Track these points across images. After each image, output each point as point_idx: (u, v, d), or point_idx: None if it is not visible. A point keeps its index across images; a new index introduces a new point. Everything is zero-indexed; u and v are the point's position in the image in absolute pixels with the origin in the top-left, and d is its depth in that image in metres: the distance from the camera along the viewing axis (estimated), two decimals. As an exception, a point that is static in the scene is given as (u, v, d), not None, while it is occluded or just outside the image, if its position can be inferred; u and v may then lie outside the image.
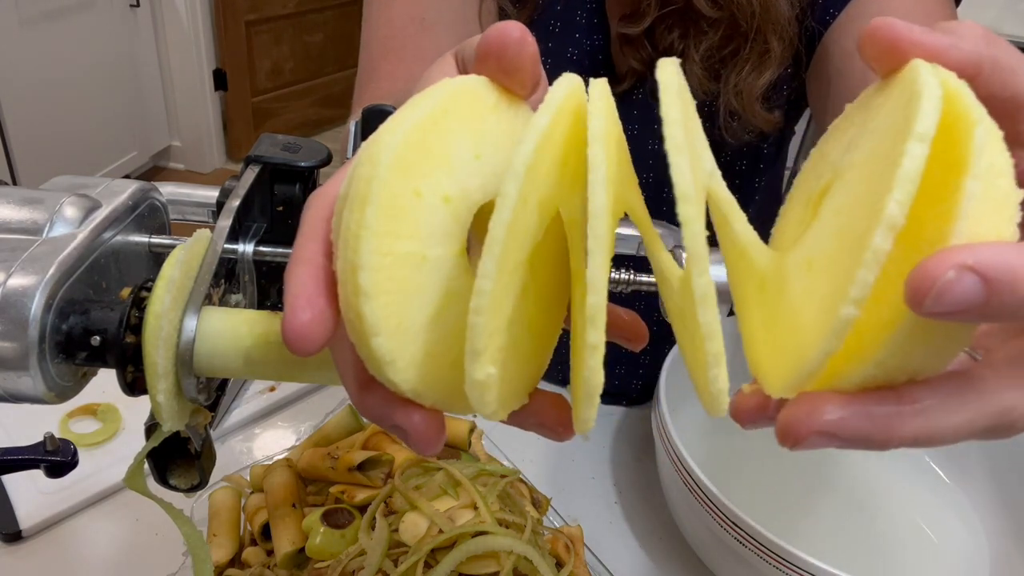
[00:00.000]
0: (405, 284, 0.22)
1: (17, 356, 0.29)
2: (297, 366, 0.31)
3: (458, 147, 0.24)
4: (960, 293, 0.18)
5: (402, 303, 0.22)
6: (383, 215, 0.21)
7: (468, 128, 0.24)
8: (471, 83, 0.25)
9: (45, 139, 2.53)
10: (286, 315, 0.22)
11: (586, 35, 0.68)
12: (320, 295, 0.23)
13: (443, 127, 0.23)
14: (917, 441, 0.21)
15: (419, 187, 0.23)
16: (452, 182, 0.23)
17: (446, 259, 0.23)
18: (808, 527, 0.61)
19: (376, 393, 0.24)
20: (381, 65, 0.65)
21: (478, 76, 0.26)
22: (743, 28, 0.61)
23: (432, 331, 0.23)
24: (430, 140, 0.23)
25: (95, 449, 0.65)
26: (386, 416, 0.24)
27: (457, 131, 0.24)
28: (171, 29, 2.98)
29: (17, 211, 0.33)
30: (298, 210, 0.41)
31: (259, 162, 0.40)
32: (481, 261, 0.21)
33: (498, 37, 0.25)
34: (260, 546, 0.54)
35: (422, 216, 0.23)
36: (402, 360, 0.22)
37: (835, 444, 0.22)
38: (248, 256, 0.38)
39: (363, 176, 0.22)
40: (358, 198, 0.22)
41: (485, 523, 0.50)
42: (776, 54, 0.62)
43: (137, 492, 0.35)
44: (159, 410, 0.30)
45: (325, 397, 0.74)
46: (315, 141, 0.43)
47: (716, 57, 0.64)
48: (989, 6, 1.96)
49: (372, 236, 0.21)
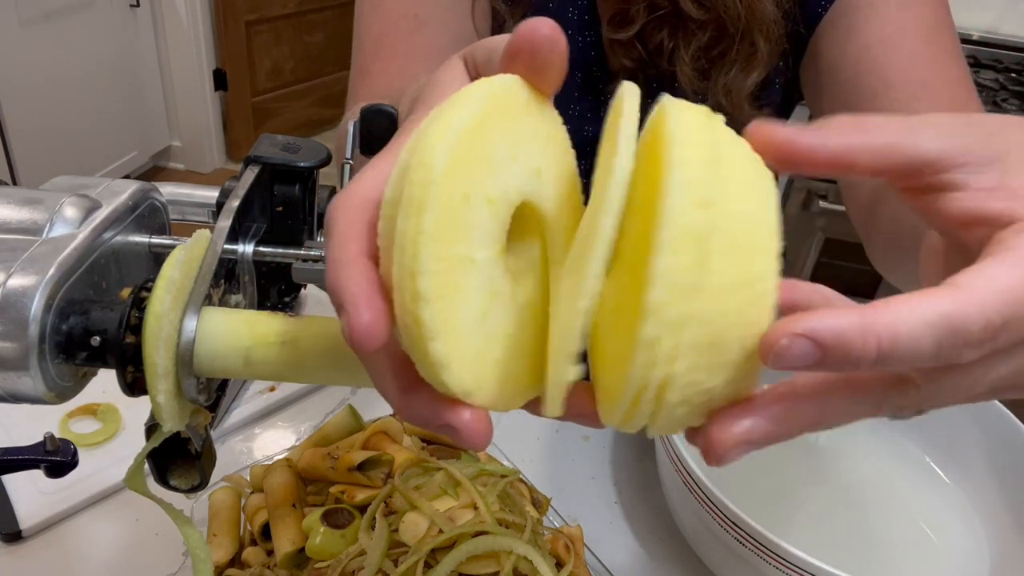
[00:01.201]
0: (458, 287, 0.23)
1: (17, 356, 0.29)
2: (297, 367, 0.31)
3: (498, 149, 0.24)
4: (797, 354, 0.21)
5: (455, 306, 0.23)
6: (439, 220, 0.22)
7: (506, 129, 0.24)
8: (507, 83, 0.25)
9: (45, 139, 2.53)
10: (349, 315, 0.22)
11: (578, 33, 0.68)
12: (377, 295, 0.23)
13: (487, 129, 0.24)
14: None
15: (468, 191, 0.23)
16: (495, 184, 0.24)
17: (490, 260, 0.24)
18: (808, 527, 0.61)
19: (421, 395, 0.25)
20: (374, 63, 0.65)
21: (512, 76, 0.26)
22: (731, 30, 0.62)
23: (479, 332, 0.24)
24: (477, 143, 0.23)
25: (95, 449, 0.65)
26: (434, 417, 0.25)
27: (498, 133, 0.24)
28: (171, 29, 2.98)
29: (17, 211, 0.33)
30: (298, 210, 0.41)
31: (259, 162, 0.40)
32: (587, 263, 0.22)
33: (530, 35, 0.25)
34: (260, 546, 0.54)
35: (470, 219, 0.23)
36: (456, 362, 0.23)
37: (753, 449, 0.24)
38: (248, 256, 0.38)
39: (418, 181, 0.22)
40: (414, 204, 0.22)
41: (485, 523, 0.50)
42: (763, 54, 0.63)
43: (137, 492, 0.35)
44: (159, 410, 0.30)
45: (325, 397, 0.74)
46: (315, 141, 0.43)
47: (705, 57, 0.64)
48: (989, 6, 1.95)
49: (430, 241, 0.21)
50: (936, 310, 0.21)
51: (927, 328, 0.21)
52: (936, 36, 0.62)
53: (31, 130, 2.46)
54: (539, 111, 0.26)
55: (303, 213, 0.41)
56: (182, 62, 3.05)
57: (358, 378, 0.32)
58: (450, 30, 0.65)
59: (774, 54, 0.64)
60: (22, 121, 2.42)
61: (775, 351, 0.21)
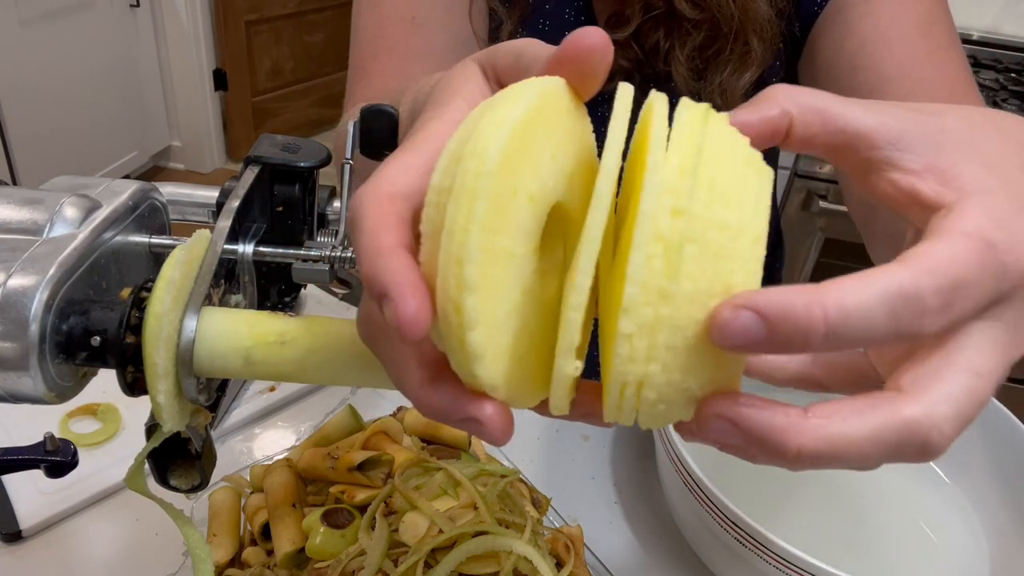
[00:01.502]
0: (498, 280, 0.23)
1: (17, 356, 0.29)
2: (297, 367, 0.31)
3: (543, 148, 0.24)
4: (741, 327, 0.21)
5: (494, 298, 0.23)
6: (490, 211, 0.22)
7: (551, 130, 0.25)
8: (555, 85, 0.25)
9: (45, 139, 2.53)
10: (396, 303, 0.22)
11: None
12: (421, 283, 0.23)
13: (537, 127, 0.24)
14: (819, 452, 0.22)
15: (516, 185, 0.23)
16: (537, 182, 0.24)
17: (527, 257, 0.24)
18: (808, 527, 0.61)
19: (444, 388, 0.25)
20: (372, 64, 0.65)
21: (560, 79, 0.26)
22: (724, 29, 0.62)
23: (510, 326, 0.24)
24: (528, 139, 0.23)
25: (95, 449, 0.65)
26: (457, 410, 0.24)
27: (544, 132, 0.24)
28: (171, 29, 2.98)
29: (17, 211, 0.33)
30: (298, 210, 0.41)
31: (259, 162, 0.40)
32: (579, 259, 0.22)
33: (584, 43, 0.26)
34: (260, 546, 0.54)
35: (516, 214, 0.23)
36: (489, 355, 0.23)
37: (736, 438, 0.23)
38: (248, 256, 0.38)
39: (472, 170, 0.22)
40: (466, 192, 0.22)
41: (485, 523, 0.50)
42: (757, 54, 0.63)
43: (138, 492, 0.35)
44: (159, 411, 0.30)
45: (325, 397, 0.74)
46: (315, 141, 0.43)
47: (700, 57, 0.65)
48: (989, 7, 1.95)
49: (480, 231, 0.21)
50: (887, 281, 0.21)
51: (878, 299, 0.21)
52: (932, 29, 0.62)
53: (31, 130, 2.46)
54: (577, 116, 0.27)
55: (303, 213, 0.41)
56: (182, 62, 3.05)
57: (358, 378, 0.32)
58: (448, 31, 0.65)
59: (768, 53, 0.64)
60: (22, 121, 2.42)
61: (718, 324, 0.21)
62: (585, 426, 0.73)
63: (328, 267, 0.40)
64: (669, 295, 0.21)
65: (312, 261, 0.40)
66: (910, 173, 0.25)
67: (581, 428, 0.73)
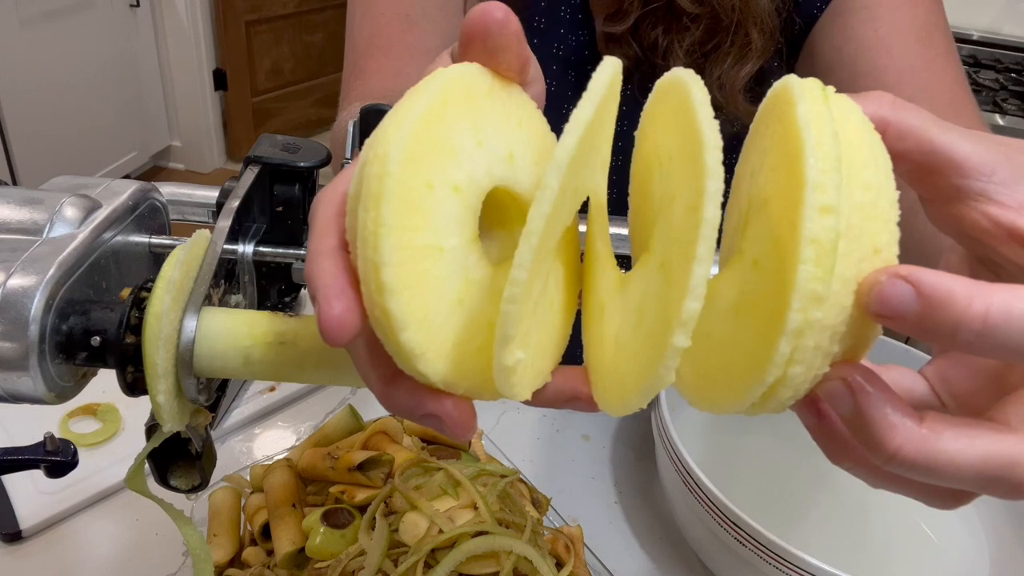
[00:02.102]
0: (426, 276, 0.23)
1: (17, 356, 0.29)
2: (297, 367, 0.31)
3: (461, 136, 0.24)
4: (896, 296, 0.21)
5: (425, 295, 0.23)
6: (399, 211, 0.22)
7: (468, 116, 0.24)
8: (464, 70, 0.25)
9: (45, 139, 2.53)
10: (320, 307, 0.22)
11: (571, 31, 0.68)
12: (349, 286, 0.23)
13: (444, 117, 0.23)
14: (915, 462, 0.22)
15: (430, 179, 0.23)
16: (460, 171, 0.24)
17: (461, 248, 0.24)
18: (808, 527, 0.61)
19: (403, 387, 0.25)
20: (367, 63, 0.65)
21: (469, 63, 0.26)
22: (724, 22, 0.62)
23: (455, 320, 0.24)
24: (434, 131, 0.23)
25: (95, 449, 0.65)
26: (417, 407, 0.25)
27: (458, 120, 0.24)
28: (171, 29, 2.98)
29: (17, 211, 0.33)
30: (298, 210, 0.41)
31: (258, 162, 0.40)
32: (518, 251, 0.21)
33: (480, 19, 0.25)
34: (260, 546, 0.54)
35: (435, 208, 0.23)
36: (431, 351, 0.23)
37: (846, 407, 0.22)
38: (248, 256, 0.38)
39: (374, 174, 0.22)
40: (371, 196, 0.22)
41: (485, 523, 0.50)
42: (757, 46, 0.63)
43: (138, 493, 0.35)
44: (159, 411, 0.30)
45: (325, 397, 0.74)
46: (314, 141, 0.43)
47: (699, 52, 0.64)
48: (989, 6, 1.95)
49: (391, 232, 0.21)
50: None
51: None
52: (932, 36, 0.62)
53: (31, 130, 2.46)
54: (506, 96, 0.26)
55: (303, 213, 0.41)
56: (182, 62, 3.05)
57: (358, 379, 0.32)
58: (441, 29, 0.65)
59: (768, 46, 0.64)
60: (22, 121, 2.42)
61: (874, 288, 0.21)
62: (585, 426, 0.73)
63: (328, 267, 0.40)
64: (821, 298, 0.21)
65: (312, 261, 0.40)
66: (1008, 209, 0.25)
67: (581, 428, 0.73)
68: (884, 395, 0.22)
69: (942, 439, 0.22)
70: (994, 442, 0.22)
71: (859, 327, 0.22)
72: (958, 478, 0.22)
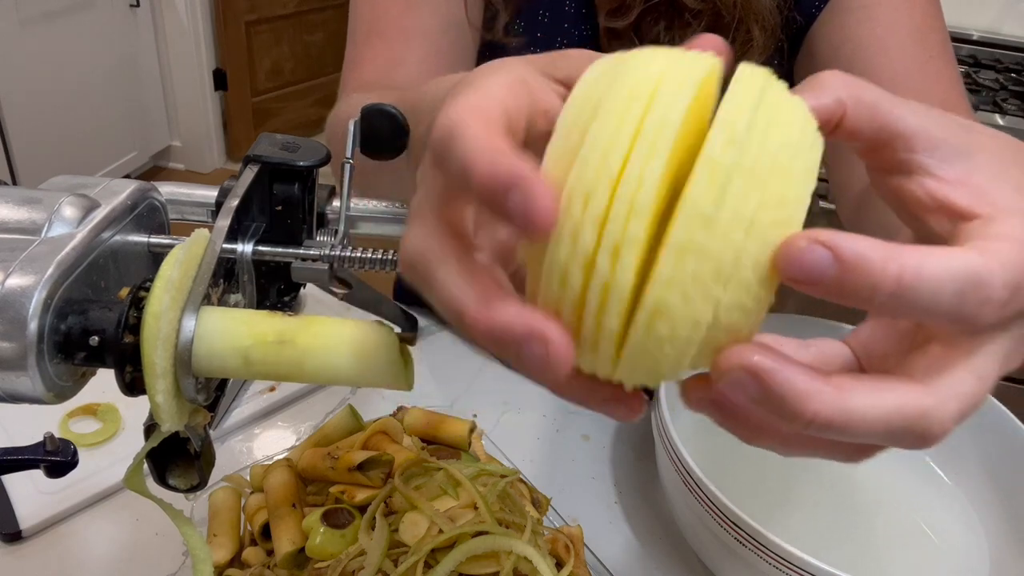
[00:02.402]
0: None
1: (16, 356, 0.29)
2: (296, 367, 0.31)
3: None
4: (813, 260, 0.21)
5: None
6: (665, 166, 0.22)
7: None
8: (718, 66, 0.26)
9: (45, 139, 2.53)
10: (525, 192, 0.21)
11: (574, 26, 0.68)
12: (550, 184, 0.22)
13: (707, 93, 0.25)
14: (831, 422, 0.22)
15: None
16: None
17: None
18: (808, 527, 0.61)
19: (508, 303, 0.23)
20: (365, 51, 0.65)
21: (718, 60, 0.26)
22: (726, 19, 0.62)
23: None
24: (698, 103, 0.24)
25: (95, 449, 0.65)
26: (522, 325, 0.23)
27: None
28: (171, 29, 2.98)
29: (16, 211, 0.33)
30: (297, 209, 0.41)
31: (258, 161, 0.40)
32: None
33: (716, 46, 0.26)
34: (260, 546, 0.54)
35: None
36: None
37: (753, 392, 0.22)
38: (247, 256, 0.38)
39: (657, 121, 0.22)
40: (650, 138, 0.22)
41: (485, 523, 0.50)
42: (759, 43, 0.64)
43: (137, 492, 0.35)
44: (158, 410, 0.30)
45: (325, 397, 0.74)
46: (314, 141, 0.42)
47: None
48: (989, 6, 1.95)
49: (654, 187, 0.21)
50: (965, 261, 0.22)
51: (952, 276, 0.21)
52: (928, 38, 0.63)
53: (31, 130, 2.46)
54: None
55: (302, 212, 0.41)
56: (182, 62, 3.05)
57: (358, 378, 0.32)
58: (440, 12, 0.65)
59: (769, 43, 0.64)
60: (22, 121, 2.43)
61: (790, 252, 0.21)
62: (585, 426, 0.73)
63: (327, 266, 0.40)
64: (711, 221, 0.21)
65: (311, 260, 0.40)
66: (943, 182, 0.26)
67: (581, 428, 0.73)
68: (787, 367, 0.22)
69: (854, 396, 0.22)
70: (901, 395, 0.23)
71: (751, 287, 0.22)
72: (870, 432, 0.23)
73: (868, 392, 0.23)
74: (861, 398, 0.22)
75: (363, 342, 0.31)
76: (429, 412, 0.64)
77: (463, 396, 0.75)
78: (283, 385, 0.73)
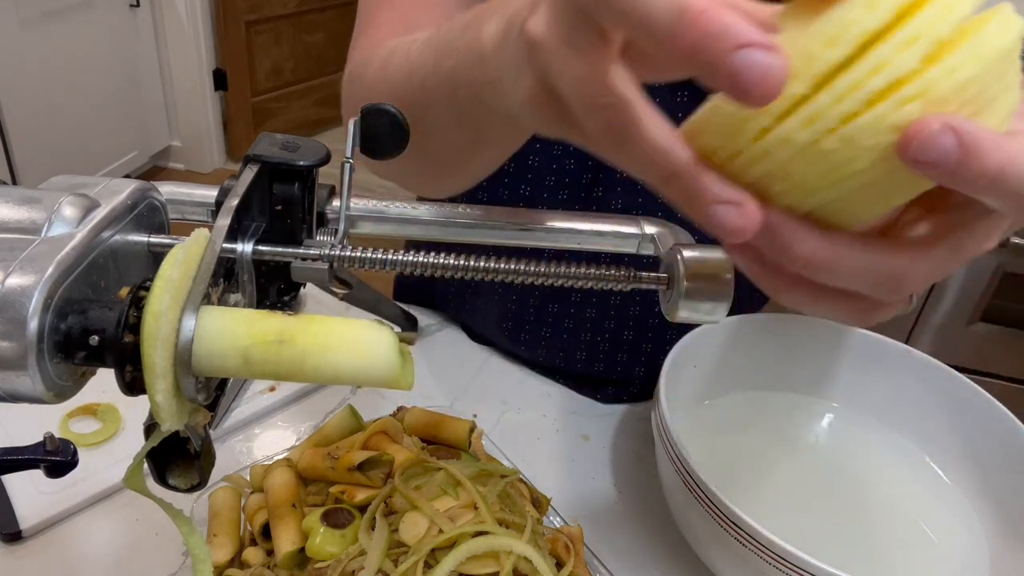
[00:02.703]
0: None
1: (15, 356, 0.29)
2: (296, 366, 0.31)
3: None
4: (941, 148, 0.22)
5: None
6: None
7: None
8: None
9: (45, 139, 2.53)
10: (763, 54, 0.21)
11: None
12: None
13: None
14: (813, 259, 0.25)
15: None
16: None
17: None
18: (808, 527, 0.61)
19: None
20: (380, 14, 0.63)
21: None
22: None
23: None
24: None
25: (95, 449, 0.65)
26: (714, 193, 0.25)
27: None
28: (171, 29, 2.98)
29: (15, 210, 0.33)
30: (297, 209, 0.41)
31: (258, 161, 0.39)
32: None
33: None
34: (260, 546, 0.54)
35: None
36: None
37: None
38: (247, 255, 0.38)
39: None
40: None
41: (485, 523, 0.50)
42: None
43: (137, 492, 0.35)
44: (158, 410, 0.30)
45: (325, 397, 0.74)
46: (314, 140, 0.42)
47: None
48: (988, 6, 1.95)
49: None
50: None
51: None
52: None
53: (31, 130, 2.46)
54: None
55: (302, 212, 0.41)
56: (182, 62, 3.05)
57: (358, 378, 0.32)
58: None
59: None
60: (22, 121, 2.42)
61: (922, 137, 0.22)
62: (585, 426, 0.73)
63: (327, 266, 0.40)
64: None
65: (311, 260, 0.40)
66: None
67: (581, 428, 0.73)
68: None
69: (841, 242, 0.26)
70: (888, 251, 0.26)
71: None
72: (852, 273, 0.26)
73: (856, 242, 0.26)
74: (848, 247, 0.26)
75: (363, 342, 0.31)
76: (429, 412, 0.64)
77: (463, 396, 0.75)
78: (283, 385, 0.73)
